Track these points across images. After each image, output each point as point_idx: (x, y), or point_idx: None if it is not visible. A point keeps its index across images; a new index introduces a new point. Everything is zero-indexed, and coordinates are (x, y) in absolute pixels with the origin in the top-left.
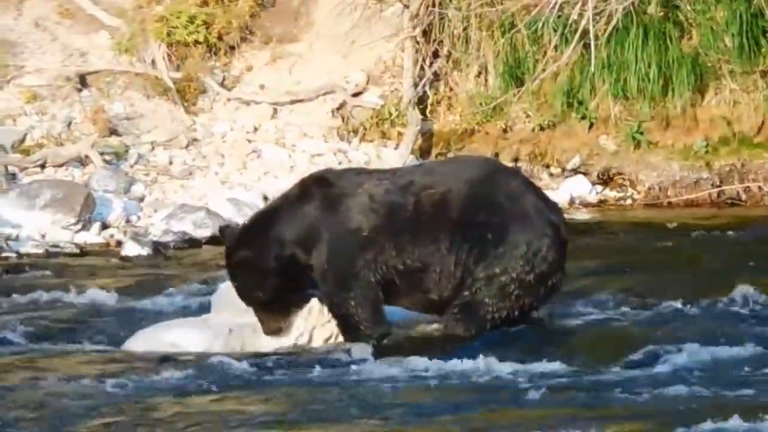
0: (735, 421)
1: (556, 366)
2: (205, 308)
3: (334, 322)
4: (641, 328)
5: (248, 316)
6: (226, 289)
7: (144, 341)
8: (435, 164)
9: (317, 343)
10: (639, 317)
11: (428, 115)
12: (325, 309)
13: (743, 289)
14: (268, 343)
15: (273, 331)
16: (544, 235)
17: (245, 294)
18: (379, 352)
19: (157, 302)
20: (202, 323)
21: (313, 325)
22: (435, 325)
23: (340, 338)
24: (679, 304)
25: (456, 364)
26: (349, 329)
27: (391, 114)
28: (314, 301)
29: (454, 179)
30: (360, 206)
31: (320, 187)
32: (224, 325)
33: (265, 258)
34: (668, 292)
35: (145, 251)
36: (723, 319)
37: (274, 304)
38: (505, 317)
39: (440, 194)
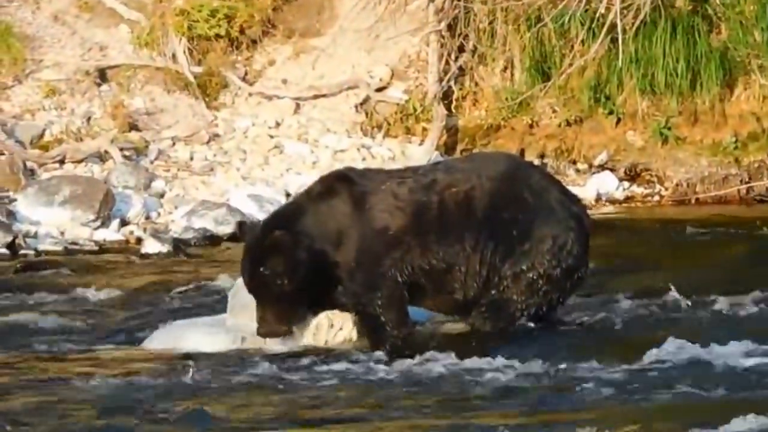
0: (752, 420)
1: (570, 365)
2: (224, 307)
3: (343, 334)
4: (660, 326)
5: None
6: (243, 289)
7: (162, 340)
8: (456, 162)
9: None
10: (659, 315)
11: (453, 111)
12: (334, 323)
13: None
14: (282, 347)
15: (273, 332)
16: (569, 228)
17: (267, 280)
18: (399, 352)
19: (176, 300)
20: (220, 324)
21: (325, 339)
22: (458, 325)
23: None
24: (703, 302)
25: (464, 365)
26: (375, 329)
27: (415, 109)
28: (321, 317)
29: (477, 176)
30: (385, 205)
31: (344, 184)
32: (242, 326)
33: (298, 248)
34: (693, 290)
35: (165, 248)
36: (748, 317)
37: (288, 302)
38: (534, 313)
39: (464, 192)
